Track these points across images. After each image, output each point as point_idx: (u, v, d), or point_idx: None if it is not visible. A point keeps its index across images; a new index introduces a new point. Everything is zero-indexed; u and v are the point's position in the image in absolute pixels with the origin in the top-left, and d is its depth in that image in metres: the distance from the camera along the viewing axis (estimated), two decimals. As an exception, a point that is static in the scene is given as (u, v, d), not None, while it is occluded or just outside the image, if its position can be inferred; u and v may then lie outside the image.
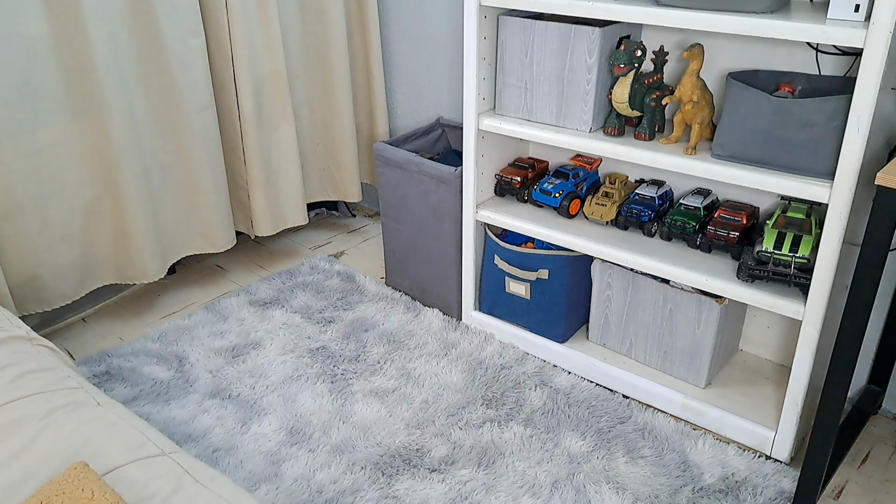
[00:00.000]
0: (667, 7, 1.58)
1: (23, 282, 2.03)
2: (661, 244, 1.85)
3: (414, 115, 2.71)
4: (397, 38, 2.64)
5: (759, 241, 1.65)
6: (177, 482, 1.08)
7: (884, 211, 1.29)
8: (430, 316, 2.27)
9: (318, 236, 2.84)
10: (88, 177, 2.09)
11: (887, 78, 1.39)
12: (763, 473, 1.68)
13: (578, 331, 2.11)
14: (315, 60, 2.53)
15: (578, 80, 1.81)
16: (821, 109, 1.49)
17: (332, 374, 2.01)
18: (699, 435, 1.79)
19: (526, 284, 2.05)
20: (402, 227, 2.32)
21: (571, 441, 1.77)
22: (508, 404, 1.90)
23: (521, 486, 1.64)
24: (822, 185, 1.49)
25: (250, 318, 2.27)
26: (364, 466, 1.69)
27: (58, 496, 0.99)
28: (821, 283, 1.53)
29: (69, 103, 1.99)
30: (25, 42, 1.87)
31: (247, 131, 2.36)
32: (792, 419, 1.68)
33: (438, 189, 2.15)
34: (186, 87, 2.17)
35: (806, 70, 1.70)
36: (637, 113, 1.80)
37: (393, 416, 1.85)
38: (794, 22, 1.43)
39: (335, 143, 2.66)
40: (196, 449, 1.74)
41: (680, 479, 1.66)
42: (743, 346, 2.03)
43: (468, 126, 2.01)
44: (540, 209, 2.06)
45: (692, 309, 1.81)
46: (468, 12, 1.88)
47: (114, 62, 2.01)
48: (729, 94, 1.61)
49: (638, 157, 1.74)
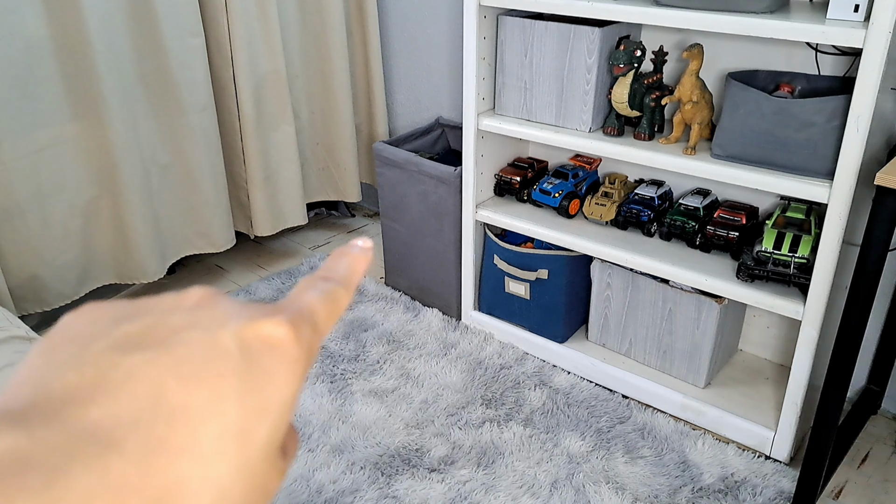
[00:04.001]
0: (666, 7, 1.58)
1: (22, 282, 2.03)
2: (661, 244, 1.85)
3: (414, 115, 2.71)
4: (397, 38, 2.64)
5: (759, 241, 1.65)
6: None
7: (883, 211, 1.29)
8: (429, 316, 2.27)
9: (317, 236, 2.84)
10: (88, 177, 2.09)
11: (887, 78, 1.39)
12: (762, 473, 1.68)
13: (578, 331, 2.11)
14: (315, 60, 2.53)
15: (578, 80, 1.81)
16: (820, 109, 1.49)
17: (332, 373, 2.01)
18: (699, 435, 1.79)
19: (525, 284, 2.05)
20: (402, 227, 2.32)
21: (571, 441, 1.77)
22: (508, 404, 1.90)
23: (520, 486, 1.64)
24: (821, 185, 1.49)
25: (250, 318, 2.26)
26: (363, 466, 1.69)
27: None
28: (820, 283, 1.53)
29: (69, 103, 1.99)
30: (25, 42, 1.87)
31: (246, 131, 2.36)
32: (791, 419, 1.68)
33: (438, 189, 2.15)
34: (186, 87, 2.17)
35: (805, 70, 1.70)
36: (636, 113, 1.80)
37: (392, 416, 1.85)
38: (794, 22, 1.43)
39: (335, 143, 2.65)
40: (195, 449, 1.73)
41: (679, 479, 1.66)
42: (742, 347, 2.02)
43: (468, 126, 2.00)
44: (539, 209, 2.06)
45: (692, 309, 1.81)
46: (468, 12, 1.88)
47: (114, 62, 2.01)
48: (728, 94, 1.61)
49: (637, 157, 1.74)
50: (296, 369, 0.24)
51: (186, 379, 0.22)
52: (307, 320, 0.26)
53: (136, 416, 0.21)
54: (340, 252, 0.30)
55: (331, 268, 0.29)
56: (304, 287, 0.28)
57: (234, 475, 0.22)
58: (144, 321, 0.24)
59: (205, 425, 0.22)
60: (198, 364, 0.23)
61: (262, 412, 0.23)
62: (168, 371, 0.22)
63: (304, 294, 0.27)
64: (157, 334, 0.23)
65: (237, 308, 0.25)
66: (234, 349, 0.23)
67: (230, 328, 0.24)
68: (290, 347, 0.24)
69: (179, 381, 0.22)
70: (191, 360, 0.22)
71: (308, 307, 0.27)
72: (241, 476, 0.23)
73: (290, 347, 0.24)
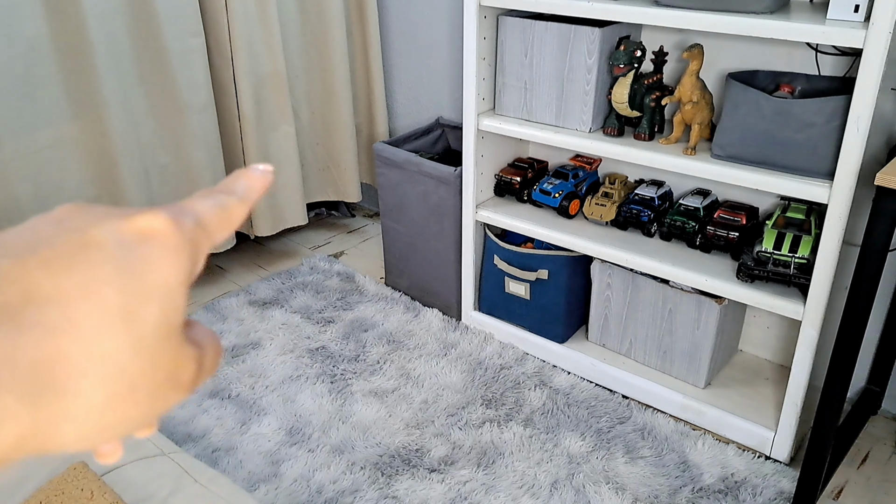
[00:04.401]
0: (666, 7, 1.58)
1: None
2: (661, 244, 1.85)
3: (414, 115, 2.71)
4: (397, 38, 2.64)
5: (759, 242, 1.65)
6: (176, 482, 1.08)
7: (883, 211, 1.29)
8: (429, 316, 2.27)
9: (317, 236, 2.84)
10: (88, 176, 2.09)
11: (887, 78, 1.39)
12: (762, 474, 1.68)
13: (578, 331, 2.11)
14: (315, 60, 2.53)
15: (578, 80, 1.81)
16: (820, 110, 1.49)
17: (332, 374, 2.01)
18: (699, 435, 1.79)
19: (525, 284, 2.05)
20: (402, 227, 2.32)
21: (571, 441, 1.77)
22: (508, 404, 1.90)
23: (520, 487, 1.64)
24: (821, 185, 1.49)
25: (250, 318, 2.26)
26: (363, 466, 1.69)
27: (57, 496, 0.99)
28: (820, 283, 1.53)
29: (69, 103, 1.99)
30: (25, 42, 1.87)
31: (246, 131, 2.36)
32: (791, 419, 1.68)
33: (438, 189, 2.15)
34: (186, 86, 2.17)
35: (805, 70, 1.70)
36: (637, 113, 1.80)
37: (392, 417, 1.85)
38: (794, 22, 1.43)
39: (335, 143, 2.65)
40: (195, 449, 1.74)
41: (679, 479, 1.66)
42: (742, 347, 2.02)
43: (468, 126, 2.00)
44: (539, 209, 2.06)
45: (692, 309, 1.81)
46: (468, 12, 1.88)
47: (114, 62, 2.01)
48: (729, 94, 1.61)
49: (637, 157, 1.74)
50: (177, 257, 0.25)
51: (56, 270, 0.23)
52: (188, 215, 0.27)
53: (2, 306, 0.22)
54: (240, 172, 0.31)
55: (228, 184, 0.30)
56: (196, 196, 0.29)
57: (127, 353, 0.23)
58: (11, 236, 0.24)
59: (80, 307, 0.23)
60: (67, 258, 0.23)
61: (144, 295, 0.24)
62: (36, 267, 0.23)
63: (194, 201, 0.28)
64: (20, 243, 0.24)
65: (110, 211, 0.26)
66: (108, 242, 0.24)
67: (103, 226, 0.24)
68: (168, 236, 0.25)
69: (49, 272, 0.23)
70: (60, 256, 0.23)
71: (192, 207, 0.27)
72: (138, 355, 0.24)
73: (168, 236, 0.25)
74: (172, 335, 0.25)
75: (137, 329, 0.24)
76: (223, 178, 2.15)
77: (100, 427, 0.23)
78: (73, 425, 0.23)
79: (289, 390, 1.94)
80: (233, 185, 0.30)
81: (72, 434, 0.23)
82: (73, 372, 0.22)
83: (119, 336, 0.23)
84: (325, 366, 2.04)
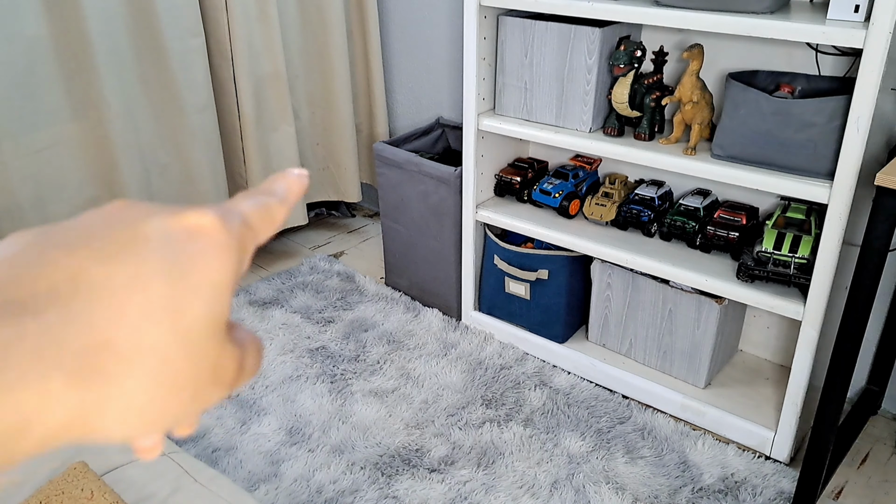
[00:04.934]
0: (667, 7, 1.58)
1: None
2: (661, 244, 1.85)
3: (414, 115, 2.71)
4: (397, 38, 2.64)
5: (759, 242, 1.65)
6: (176, 482, 1.08)
7: (884, 211, 1.29)
8: (429, 316, 2.27)
9: (317, 236, 2.84)
10: (88, 176, 2.09)
11: (887, 78, 1.39)
12: (762, 474, 1.68)
13: (578, 331, 2.11)
14: (315, 60, 2.53)
15: (578, 80, 1.81)
16: (820, 110, 1.49)
17: (332, 374, 2.01)
18: (699, 435, 1.79)
19: (525, 284, 2.05)
20: (402, 227, 2.32)
21: (571, 441, 1.77)
22: (508, 404, 1.90)
23: (520, 487, 1.64)
24: (821, 185, 1.49)
25: (250, 318, 2.26)
26: (363, 466, 1.69)
27: (57, 496, 0.99)
28: (820, 283, 1.53)
29: (69, 103, 1.99)
30: (25, 42, 1.87)
31: (246, 131, 2.36)
32: (791, 419, 1.68)
33: (438, 189, 2.15)
34: (186, 86, 2.17)
35: (806, 70, 1.70)
36: (637, 113, 1.80)
37: (392, 417, 1.85)
38: (794, 22, 1.43)
39: (335, 143, 2.65)
40: (195, 449, 1.74)
41: (679, 479, 1.66)
42: (742, 347, 2.02)
43: (468, 126, 2.00)
44: (540, 209, 2.06)
45: (692, 309, 1.81)
46: (468, 12, 1.88)
47: (114, 62, 2.01)
48: (729, 94, 1.61)
49: (637, 157, 1.74)
50: (226, 255, 0.25)
51: (106, 261, 0.23)
52: (235, 214, 0.27)
53: (53, 292, 0.22)
54: (278, 175, 0.31)
55: (268, 186, 0.31)
56: (239, 197, 0.29)
57: (172, 346, 0.24)
58: (63, 229, 0.25)
59: (128, 297, 0.23)
60: (117, 250, 0.24)
61: (192, 290, 0.24)
62: (87, 258, 0.23)
63: (238, 201, 0.29)
64: (72, 235, 0.24)
65: (160, 208, 0.26)
66: (158, 236, 0.24)
67: (153, 222, 0.25)
68: (217, 234, 0.25)
69: (100, 263, 0.23)
70: (110, 248, 0.24)
71: (237, 207, 0.28)
72: (183, 349, 0.24)
73: (217, 234, 0.25)
74: (217, 332, 0.25)
75: (183, 323, 0.24)
76: (223, 179, 2.15)
77: (142, 417, 0.24)
78: (117, 412, 0.23)
79: (289, 390, 1.94)
80: (272, 187, 0.30)
81: (116, 421, 0.23)
82: (119, 360, 0.23)
83: (165, 328, 0.23)
84: (325, 366, 2.04)
